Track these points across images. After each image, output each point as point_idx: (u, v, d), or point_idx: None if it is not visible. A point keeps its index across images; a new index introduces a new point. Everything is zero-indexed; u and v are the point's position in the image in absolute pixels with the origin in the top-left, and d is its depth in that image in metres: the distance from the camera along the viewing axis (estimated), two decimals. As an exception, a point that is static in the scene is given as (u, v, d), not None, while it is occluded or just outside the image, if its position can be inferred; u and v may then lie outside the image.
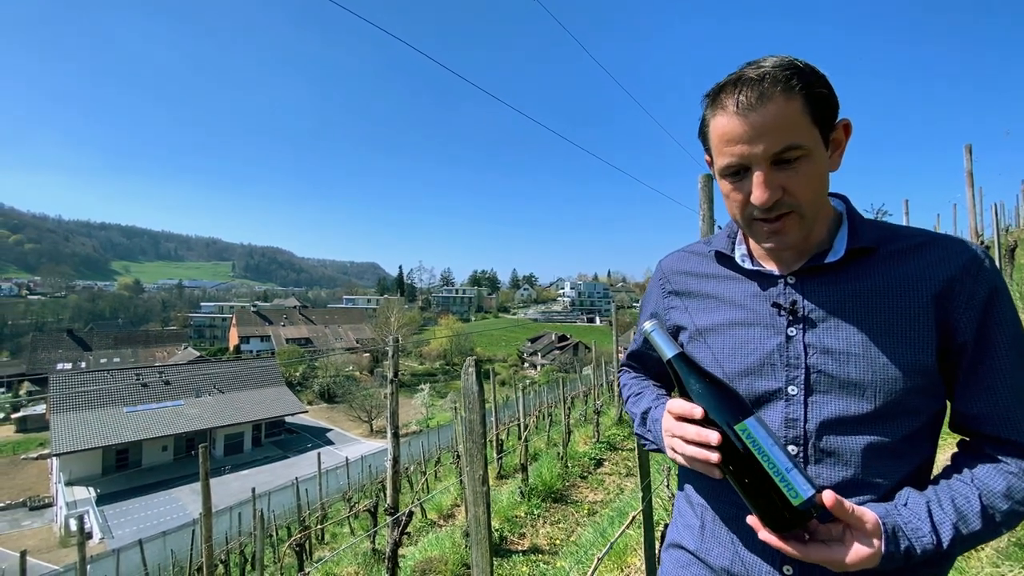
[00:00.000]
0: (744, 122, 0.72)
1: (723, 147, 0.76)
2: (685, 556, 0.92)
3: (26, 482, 28.93)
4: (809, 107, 0.72)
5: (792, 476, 0.65)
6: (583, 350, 54.48)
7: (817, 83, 0.73)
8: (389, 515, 3.56)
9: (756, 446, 0.67)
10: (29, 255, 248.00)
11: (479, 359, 1.56)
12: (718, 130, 0.76)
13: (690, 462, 0.77)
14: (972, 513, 0.69)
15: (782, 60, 0.73)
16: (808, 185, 0.74)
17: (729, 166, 0.76)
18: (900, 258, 0.78)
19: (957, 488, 0.71)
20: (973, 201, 6.95)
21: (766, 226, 0.77)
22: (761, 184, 0.73)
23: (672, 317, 0.97)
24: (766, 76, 0.71)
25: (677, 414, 0.78)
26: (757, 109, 0.71)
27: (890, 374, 0.73)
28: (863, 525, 0.66)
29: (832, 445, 0.76)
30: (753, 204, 0.75)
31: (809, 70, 0.73)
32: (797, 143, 0.71)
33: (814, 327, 0.79)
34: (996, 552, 2.42)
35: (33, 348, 47.04)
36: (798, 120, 0.71)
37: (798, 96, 0.71)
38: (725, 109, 0.74)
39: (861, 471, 0.74)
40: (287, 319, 64.20)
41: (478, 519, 1.38)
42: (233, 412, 32.85)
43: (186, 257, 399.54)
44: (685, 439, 0.75)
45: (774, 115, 0.71)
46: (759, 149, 0.72)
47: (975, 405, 0.75)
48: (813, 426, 0.77)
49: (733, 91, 0.73)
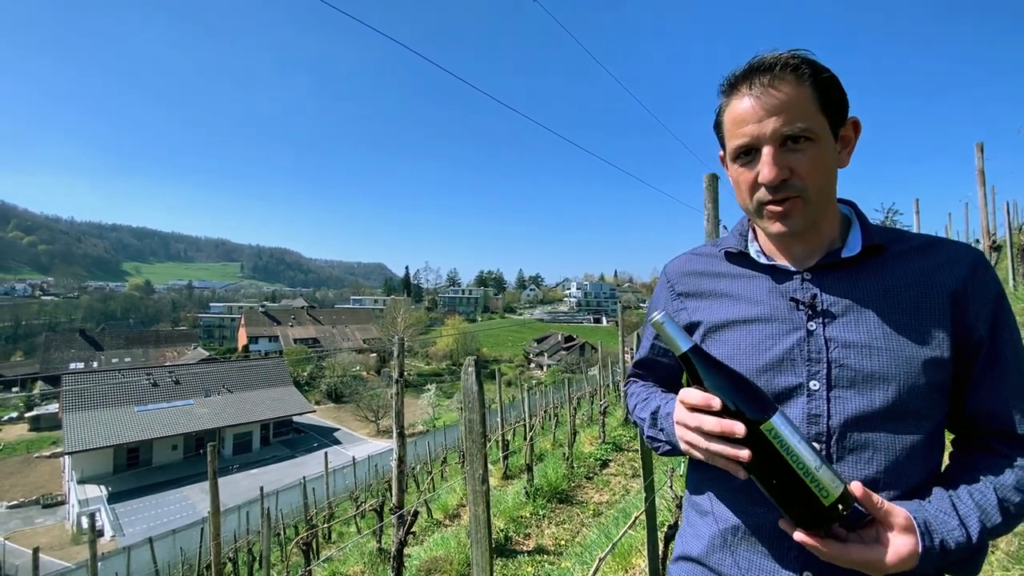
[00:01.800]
0: (756, 103, 0.75)
1: (735, 129, 0.78)
2: (696, 568, 0.89)
3: (39, 480, 29.39)
4: (818, 95, 0.75)
5: (822, 474, 0.64)
6: (589, 351, 54.34)
7: (827, 75, 0.76)
8: (394, 514, 3.58)
9: (784, 445, 0.64)
10: (42, 256, 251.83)
11: (480, 359, 1.56)
12: (732, 114, 0.79)
13: (710, 458, 0.73)
14: (991, 506, 0.69)
15: (794, 51, 0.76)
16: (815, 169, 0.75)
17: (740, 146, 0.78)
18: (910, 257, 0.80)
19: (972, 482, 0.72)
20: (985, 200, 6.85)
21: (773, 209, 0.77)
22: (769, 162, 0.74)
23: (683, 319, 0.95)
24: (778, 62, 0.74)
25: (692, 404, 0.73)
26: (768, 91, 0.74)
27: (912, 367, 0.74)
28: (896, 520, 0.66)
29: (856, 441, 0.75)
30: (761, 186, 0.77)
31: (820, 64, 0.76)
32: (806, 125, 0.74)
33: (834, 321, 0.79)
34: (1007, 555, 2.39)
35: (46, 348, 47.68)
36: (807, 105, 0.74)
37: (808, 83, 0.74)
38: (738, 93, 0.78)
39: (885, 468, 0.74)
40: (295, 319, 64.63)
41: (477, 518, 1.39)
42: (242, 411, 33.14)
43: (195, 258, 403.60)
44: (703, 431, 0.71)
45: (785, 97, 0.74)
46: (768, 128, 0.74)
47: (988, 401, 0.75)
48: (837, 422, 0.76)
49: (746, 77, 0.77)
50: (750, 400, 0.69)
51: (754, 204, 0.80)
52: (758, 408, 0.68)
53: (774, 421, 0.66)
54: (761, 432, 0.66)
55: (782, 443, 0.65)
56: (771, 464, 0.66)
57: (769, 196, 0.77)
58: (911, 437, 0.74)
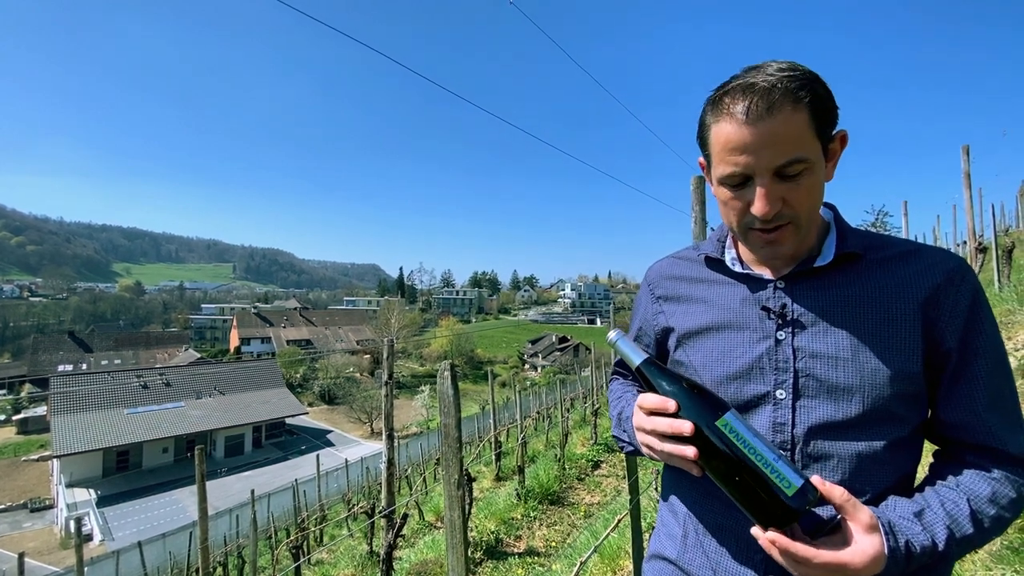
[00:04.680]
0: (751, 132, 0.70)
1: (726, 155, 0.74)
2: (668, 567, 0.90)
3: (27, 484, 28.94)
4: (814, 119, 0.71)
5: (781, 466, 0.64)
6: (584, 351, 54.43)
7: (823, 93, 0.72)
8: (384, 518, 3.56)
9: (740, 439, 0.66)
10: (31, 257, 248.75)
11: (454, 364, 1.55)
12: (722, 137, 0.74)
13: (667, 459, 0.74)
14: (962, 516, 0.69)
15: (790, 67, 0.71)
16: (808, 198, 0.74)
17: (732, 175, 0.74)
18: (886, 265, 0.78)
19: (944, 493, 0.71)
20: (971, 202, 6.92)
21: (763, 236, 0.76)
22: (764, 196, 0.72)
23: (660, 322, 0.96)
24: (776, 86, 0.69)
25: (648, 408, 0.74)
26: (765, 120, 0.69)
27: (878, 379, 0.73)
28: (861, 517, 0.64)
29: (820, 450, 0.75)
30: (753, 215, 0.74)
31: (815, 80, 0.72)
32: (802, 156, 0.70)
33: (803, 331, 0.79)
34: (989, 555, 2.41)
35: (34, 350, 47.02)
36: (804, 132, 0.70)
37: (805, 108, 0.70)
38: (732, 116, 0.72)
39: (848, 477, 0.74)
40: (288, 321, 64.22)
41: (453, 523, 1.38)
42: (234, 414, 32.85)
43: (187, 259, 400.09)
44: (657, 432, 0.73)
45: (781, 127, 0.69)
46: (763, 162, 0.71)
47: (957, 413, 0.75)
48: (801, 431, 0.76)
49: (740, 98, 0.71)
50: (702, 401, 0.71)
51: (741, 228, 0.78)
52: (711, 407, 0.69)
53: (727, 417, 0.68)
54: (717, 428, 0.67)
55: (738, 436, 0.66)
56: (731, 460, 0.66)
57: (759, 225, 0.75)
58: (877, 446, 0.74)
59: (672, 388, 0.73)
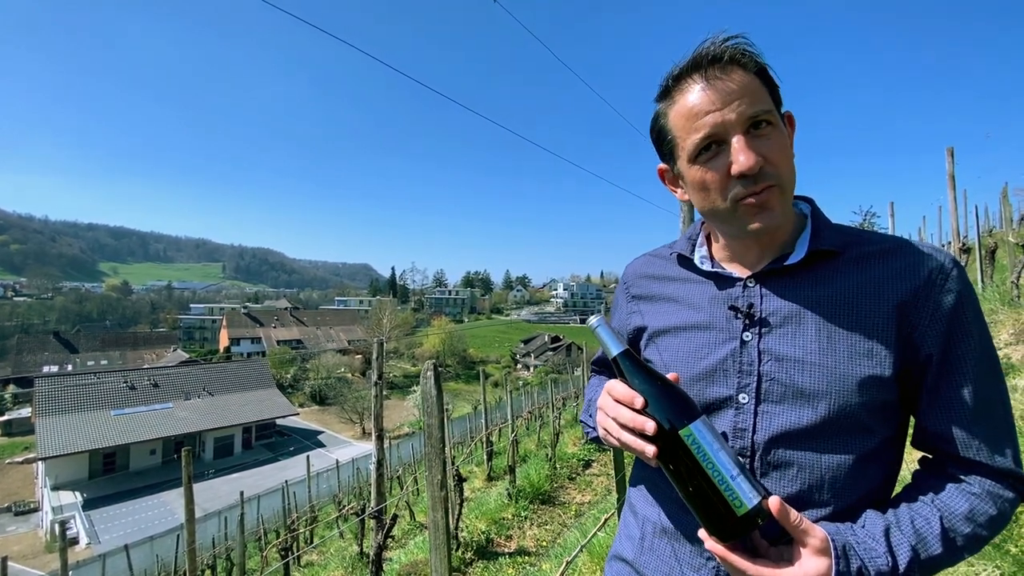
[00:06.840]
0: (713, 91, 0.70)
1: (691, 122, 0.72)
2: (624, 568, 0.88)
3: (11, 487, 28.47)
4: (766, 85, 0.72)
5: (737, 484, 0.63)
6: (576, 351, 54.54)
7: (768, 65, 0.73)
8: (374, 519, 3.54)
9: (700, 452, 0.64)
10: (15, 256, 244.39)
11: (438, 364, 1.55)
12: (684, 108, 0.72)
13: (623, 447, 0.72)
14: (932, 536, 0.65)
15: (732, 38, 0.72)
16: (783, 155, 0.71)
17: (705, 138, 0.71)
18: (864, 264, 0.73)
19: (918, 509, 0.68)
20: (955, 204, 7.02)
21: (754, 199, 0.70)
22: (744, 147, 0.68)
23: (634, 322, 0.94)
24: (726, 50, 0.70)
25: (616, 397, 0.73)
26: (723, 79, 0.70)
27: (845, 386, 0.69)
28: (812, 540, 0.62)
29: (780, 458, 0.72)
30: (735, 177, 0.70)
31: (759, 53, 0.73)
32: (768, 108, 0.70)
33: (770, 332, 0.75)
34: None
35: (18, 350, 46.27)
36: (762, 91, 0.71)
37: (753, 72, 0.71)
38: (690, 88, 0.72)
39: (810, 487, 0.71)
40: (278, 321, 63.64)
41: (436, 524, 1.37)
42: (223, 415, 32.52)
43: (175, 258, 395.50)
44: (619, 422, 0.71)
45: (742, 82, 0.70)
46: (734, 114, 0.69)
47: (938, 424, 0.70)
48: (762, 437, 0.73)
49: (694, 70, 0.71)
50: (673, 405, 0.68)
51: (729, 203, 0.72)
52: (679, 413, 0.67)
53: (693, 427, 0.66)
54: (679, 436, 0.66)
55: (699, 449, 0.64)
56: (688, 469, 0.65)
57: (746, 189, 0.70)
58: (843, 456, 0.70)
59: (645, 384, 0.71)
